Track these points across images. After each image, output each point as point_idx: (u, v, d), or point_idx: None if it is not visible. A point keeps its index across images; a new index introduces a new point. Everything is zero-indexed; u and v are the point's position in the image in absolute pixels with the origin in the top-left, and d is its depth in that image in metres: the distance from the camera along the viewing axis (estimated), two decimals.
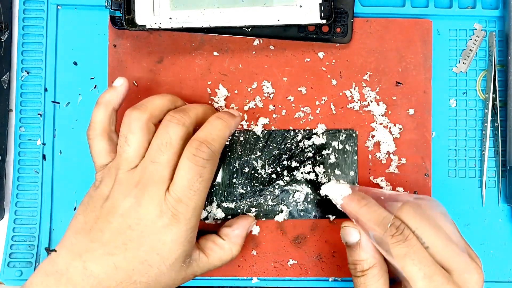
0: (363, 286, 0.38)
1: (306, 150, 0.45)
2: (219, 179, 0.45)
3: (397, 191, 0.45)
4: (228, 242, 0.42)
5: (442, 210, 0.39)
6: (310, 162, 0.45)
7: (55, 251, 0.38)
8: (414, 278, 0.36)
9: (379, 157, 0.46)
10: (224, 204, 0.44)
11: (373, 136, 0.46)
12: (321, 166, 0.45)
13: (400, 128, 0.46)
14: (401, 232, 0.36)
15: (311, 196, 0.45)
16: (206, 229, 0.44)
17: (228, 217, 0.44)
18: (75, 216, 0.39)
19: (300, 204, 0.45)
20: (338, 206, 0.41)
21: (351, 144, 0.45)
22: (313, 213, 0.45)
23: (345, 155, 0.45)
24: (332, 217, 0.45)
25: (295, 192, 0.45)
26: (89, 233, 0.37)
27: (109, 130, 0.40)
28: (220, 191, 0.44)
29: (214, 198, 0.44)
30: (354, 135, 0.45)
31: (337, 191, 0.41)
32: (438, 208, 0.39)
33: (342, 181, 0.45)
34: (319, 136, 0.45)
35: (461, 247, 0.37)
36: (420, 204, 0.38)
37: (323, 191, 0.43)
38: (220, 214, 0.44)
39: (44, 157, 0.46)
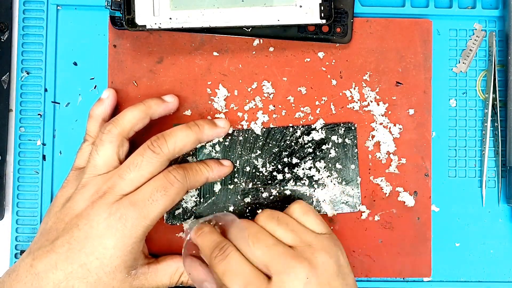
0: None
1: (306, 146, 0.45)
2: (217, 188, 0.45)
3: (397, 191, 0.45)
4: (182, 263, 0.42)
5: (262, 216, 0.41)
6: (310, 158, 0.45)
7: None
8: None
9: (379, 157, 0.46)
10: (227, 205, 0.44)
11: (373, 136, 0.46)
12: (322, 161, 0.45)
13: (400, 128, 0.46)
14: (223, 252, 0.38)
15: (312, 194, 0.45)
16: None
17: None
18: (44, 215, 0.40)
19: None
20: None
21: (351, 138, 0.45)
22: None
23: (345, 149, 0.45)
24: (330, 214, 0.45)
25: (296, 190, 0.45)
26: (47, 232, 0.38)
27: None
28: (223, 193, 0.45)
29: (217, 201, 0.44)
30: (353, 128, 0.45)
31: (191, 225, 0.43)
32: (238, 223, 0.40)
33: (226, 212, 0.45)
34: (318, 131, 0.45)
35: (282, 250, 0.37)
36: (242, 221, 0.40)
37: (185, 227, 0.44)
38: None
39: (44, 157, 0.46)
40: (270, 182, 0.45)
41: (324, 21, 0.42)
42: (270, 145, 0.45)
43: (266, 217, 0.40)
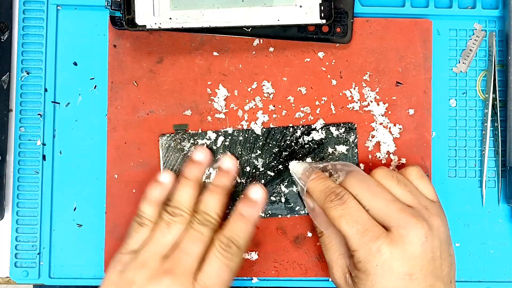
0: (323, 245, 0.43)
1: (306, 146, 0.45)
2: None
3: None
4: None
5: (380, 172, 0.41)
6: (310, 158, 0.45)
7: None
8: (348, 235, 0.38)
9: (379, 157, 0.46)
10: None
11: (373, 136, 0.46)
12: (322, 161, 0.45)
13: (400, 128, 0.46)
14: (340, 197, 0.39)
15: None
16: None
17: None
18: None
19: (300, 201, 0.45)
20: (298, 182, 0.43)
21: (351, 137, 0.45)
22: None
23: (345, 149, 0.45)
24: None
25: (296, 189, 0.45)
26: None
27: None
28: None
29: None
30: (353, 128, 0.45)
31: (298, 168, 0.44)
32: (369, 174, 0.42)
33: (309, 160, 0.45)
34: (318, 131, 0.45)
35: (401, 207, 0.38)
36: (361, 172, 0.42)
37: (291, 166, 0.44)
38: None
39: (44, 157, 0.46)
40: (270, 182, 0.45)
41: (324, 21, 0.42)
42: (270, 145, 0.45)
43: (385, 174, 0.41)
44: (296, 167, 0.44)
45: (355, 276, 0.39)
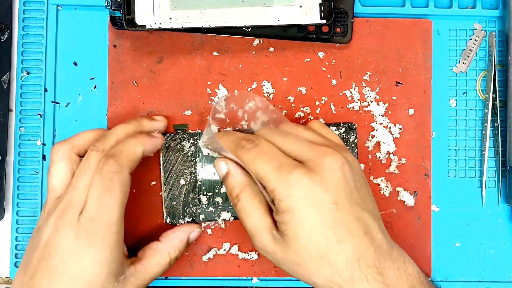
0: (242, 211, 0.38)
1: None
2: (222, 189, 0.44)
3: (397, 191, 0.45)
4: (165, 244, 0.41)
5: (287, 124, 0.41)
6: None
7: None
8: (265, 175, 0.36)
9: (379, 157, 0.46)
10: (228, 203, 0.44)
11: (373, 136, 0.46)
12: None
13: (400, 128, 0.46)
14: (252, 141, 0.37)
15: None
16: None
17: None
18: None
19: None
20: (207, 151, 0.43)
21: (351, 137, 0.45)
22: None
23: None
24: None
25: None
26: (25, 268, 0.37)
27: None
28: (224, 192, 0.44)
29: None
30: (353, 128, 0.45)
31: (204, 138, 0.43)
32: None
33: None
34: None
35: (313, 144, 0.38)
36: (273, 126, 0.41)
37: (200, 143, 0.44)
38: (227, 215, 0.44)
39: (44, 157, 0.46)
40: None
41: (324, 21, 0.42)
42: None
43: (291, 124, 0.40)
44: (203, 139, 0.43)
45: (281, 223, 0.36)
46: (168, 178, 0.44)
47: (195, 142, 0.44)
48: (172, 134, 0.45)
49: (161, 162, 0.44)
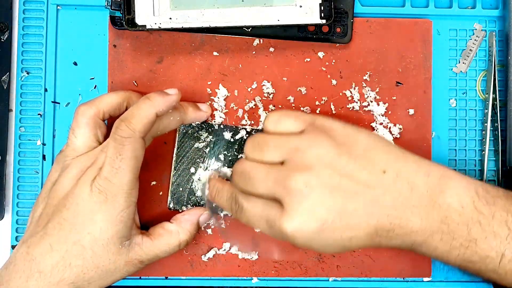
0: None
1: None
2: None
3: None
4: (176, 225, 0.42)
5: (248, 147, 0.40)
6: None
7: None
8: (263, 231, 0.38)
9: None
10: None
11: None
12: None
13: (400, 128, 0.46)
14: (238, 204, 0.39)
15: None
16: None
17: None
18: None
19: None
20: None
21: None
22: None
23: None
24: None
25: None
26: (38, 219, 0.39)
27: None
28: None
29: None
30: None
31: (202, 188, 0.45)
32: None
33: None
34: None
35: (275, 176, 0.37)
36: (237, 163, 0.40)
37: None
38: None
39: (44, 157, 0.46)
40: None
41: (324, 21, 0.42)
42: None
43: (250, 148, 0.39)
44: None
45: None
46: (179, 163, 0.44)
47: (212, 134, 0.44)
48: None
49: (176, 146, 0.44)
